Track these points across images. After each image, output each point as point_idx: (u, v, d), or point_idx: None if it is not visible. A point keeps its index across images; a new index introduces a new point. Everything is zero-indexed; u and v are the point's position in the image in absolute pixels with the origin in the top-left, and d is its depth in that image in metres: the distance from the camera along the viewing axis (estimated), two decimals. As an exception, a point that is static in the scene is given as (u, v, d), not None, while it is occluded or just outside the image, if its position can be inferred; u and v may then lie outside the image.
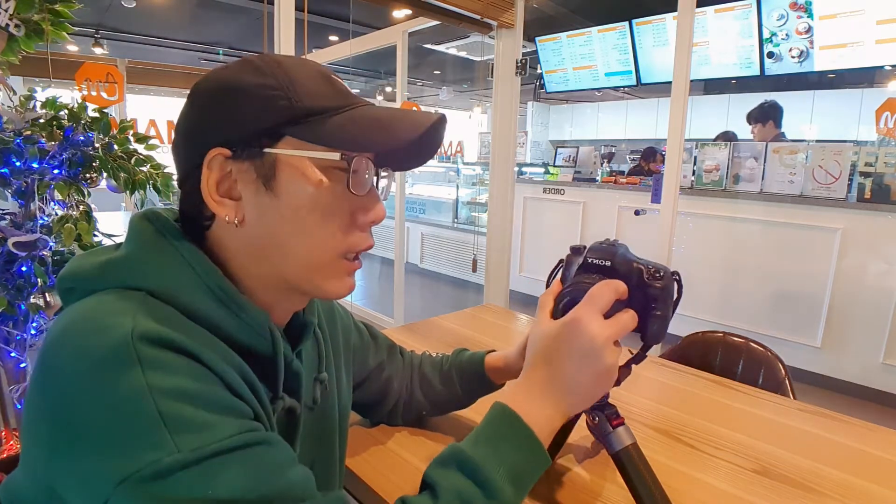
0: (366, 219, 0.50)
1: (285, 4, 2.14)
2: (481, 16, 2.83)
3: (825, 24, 3.33)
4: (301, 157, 0.46)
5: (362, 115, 0.48)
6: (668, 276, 0.59)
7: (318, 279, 0.49)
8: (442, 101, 9.54)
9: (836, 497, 0.73)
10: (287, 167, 0.46)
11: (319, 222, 0.47)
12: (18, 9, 1.35)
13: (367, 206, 0.50)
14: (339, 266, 0.50)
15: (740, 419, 0.96)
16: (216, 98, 0.47)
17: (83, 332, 0.40)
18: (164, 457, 0.36)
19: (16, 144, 1.37)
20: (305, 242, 0.48)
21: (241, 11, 5.50)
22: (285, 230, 0.47)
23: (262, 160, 0.46)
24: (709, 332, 1.39)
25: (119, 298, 0.43)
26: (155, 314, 0.42)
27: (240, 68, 0.47)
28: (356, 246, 0.50)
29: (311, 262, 0.49)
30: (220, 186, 0.47)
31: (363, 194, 0.48)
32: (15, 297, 1.40)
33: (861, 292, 2.76)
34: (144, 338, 0.39)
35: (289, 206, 0.47)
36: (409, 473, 0.75)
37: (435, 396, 0.83)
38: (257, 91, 0.46)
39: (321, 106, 0.47)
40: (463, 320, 1.45)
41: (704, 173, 3.28)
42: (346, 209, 0.48)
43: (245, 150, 0.46)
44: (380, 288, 5.10)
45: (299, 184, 0.46)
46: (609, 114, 8.84)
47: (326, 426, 0.62)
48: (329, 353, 0.65)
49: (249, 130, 0.46)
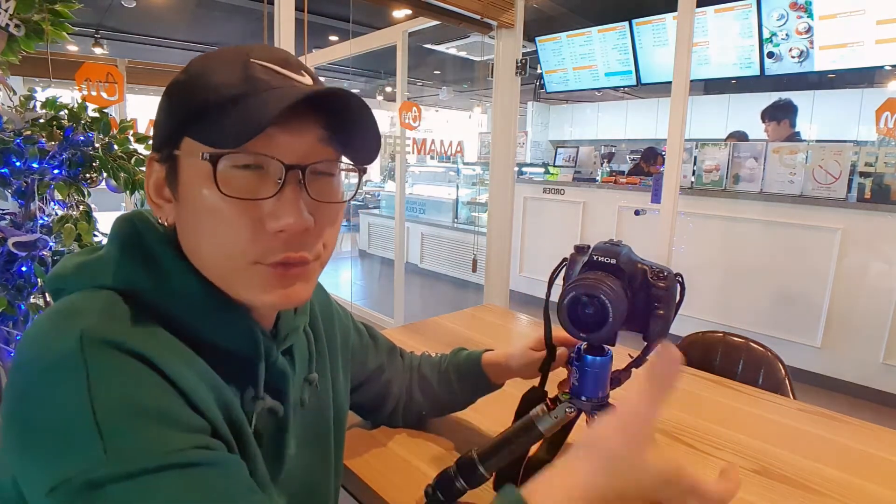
0: (273, 225, 0.43)
1: (285, 4, 2.14)
2: (481, 16, 2.83)
3: (825, 24, 3.33)
4: (192, 158, 0.44)
5: (252, 102, 0.42)
6: (672, 277, 0.60)
7: (238, 287, 0.46)
8: (442, 101, 9.54)
9: (836, 497, 0.73)
10: (185, 170, 0.45)
11: (216, 229, 0.44)
12: (18, 9, 1.35)
13: (276, 212, 0.43)
14: (254, 275, 0.45)
15: (740, 419, 0.96)
16: (161, 102, 0.48)
17: (42, 332, 0.41)
18: (96, 468, 0.35)
19: (16, 144, 1.37)
20: (209, 249, 0.45)
21: (241, 11, 5.50)
22: (193, 236, 0.46)
23: (172, 163, 0.46)
24: (709, 332, 1.38)
25: (86, 298, 0.43)
26: (117, 315, 0.41)
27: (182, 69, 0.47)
28: (265, 256, 0.44)
29: (221, 270, 0.46)
30: (158, 189, 0.47)
31: (268, 197, 0.43)
32: (15, 297, 1.40)
33: (861, 292, 2.76)
34: (97, 341, 0.38)
35: (189, 210, 0.45)
36: (409, 474, 0.75)
37: (433, 396, 0.83)
38: (172, 90, 0.46)
39: (215, 99, 0.43)
40: (463, 320, 1.45)
41: (704, 173, 3.28)
42: (249, 215, 0.43)
43: (162, 152, 0.47)
44: (380, 288, 5.10)
45: (193, 188, 0.44)
46: (609, 114, 8.83)
47: (320, 427, 0.61)
48: (324, 353, 0.64)
49: (163, 132, 0.46)
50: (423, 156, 7.77)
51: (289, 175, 0.43)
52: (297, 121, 0.44)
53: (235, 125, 0.41)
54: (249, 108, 0.42)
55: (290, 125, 0.43)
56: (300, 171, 0.44)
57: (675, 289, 0.60)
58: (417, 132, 3.41)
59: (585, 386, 0.62)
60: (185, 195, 0.45)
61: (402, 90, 3.48)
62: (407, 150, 3.55)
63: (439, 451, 0.81)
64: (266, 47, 0.47)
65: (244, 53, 0.45)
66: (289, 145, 0.44)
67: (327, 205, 0.47)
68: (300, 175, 0.44)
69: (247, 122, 0.41)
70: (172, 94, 0.46)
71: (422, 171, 6.60)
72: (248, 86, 0.43)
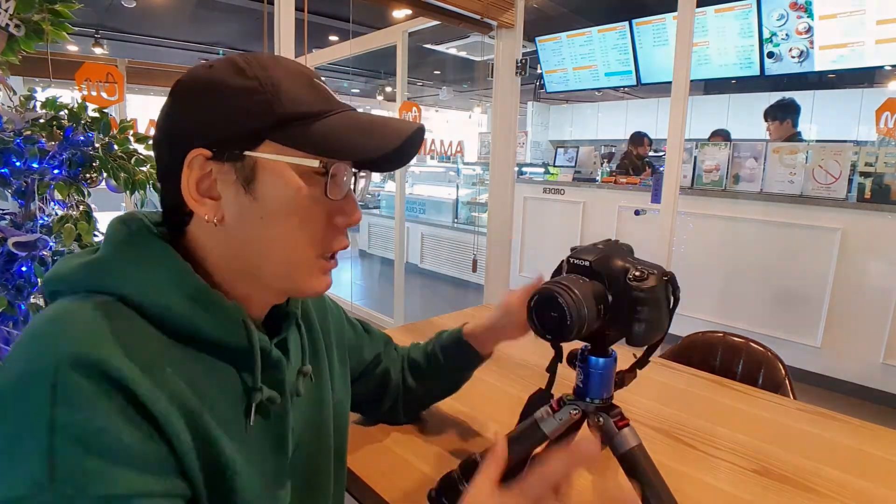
0: (343, 222, 0.51)
1: (285, 4, 2.14)
2: (481, 16, 2.83)
3: (825, 24, 3.34)
4: (281, 162, 0.47)
5: (343, 122, 0.49)
6: (657, 277, 0.58)
7: (296, 278, 0.51)
8: (442, 101, 9.55)
9: (836, 497, 0.73)
10: (267, 171, 0.47)
11: (298, 225, 0.48)
12: (18, 9, 1.35)
13: (344, 210, 0.51)
14: (315, 266, 0.51)
15: (740, 419, 0.96)
16: (199, 98, 0.47)
17: (25, 344, 0.41)
18: (37, 494, 0.35)
19: (16, 144, 1.36)
20: (284, 244, 0.49)
21: (241, 11, 5.50)
22: (264, 232, 0.48)
23: (243, 163, 0.47)
24: (709, 332, 1.38)
25: (76, 307, 0.43)
26: (103, 329, 0.41)
27: (224, 68, 0.47)
28: (332, 247, 0.52)
29: (289, 263, 0.50)
30: (200, 186, 0.47)
31: (340, 198, 0.49)
32: (15, 297, 1.40)
33: (861, 292, 2.76)
34: (73, 363, 0.38)
35: (268, 209, 0.47)
36: (410, 475, 0.75)
37: (426, 380, 0.84)
38: (241, 93, 0.46)
39: (303, 111, 0.47)
40: (463, 320, 1.44)
41: (704, 173, 3.28)
42: (324, 213, 0.49)
43: (226, 151, 0.46)
44: (380, 288, 5.10)
45: (279, 188, 0.47)
46: (609, 114, 8.84)
47: (317, 418, 0.62)
48: (318, 345, 0.65)
49: (231, 133, 0.46)
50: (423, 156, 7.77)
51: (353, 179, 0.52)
52: None
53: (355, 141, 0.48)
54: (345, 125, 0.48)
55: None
56: (354, 174, 0.52)
57: (661, 290, 0.58)
58: (417, 132, 3.38)
59: (590, 387, 0.62)
60: (265, 194, 0.47)
61: (402, 90, 3.48)
62: (407, 150, 3.54)
63: (441, 452, 0.81)
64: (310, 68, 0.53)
65: (305, 71, 0.51)
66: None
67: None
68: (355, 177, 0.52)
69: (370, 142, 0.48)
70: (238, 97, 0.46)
71: (422, 171, 6.60)
72: (327, 104, 0.49)
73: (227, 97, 0.46)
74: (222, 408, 0.47)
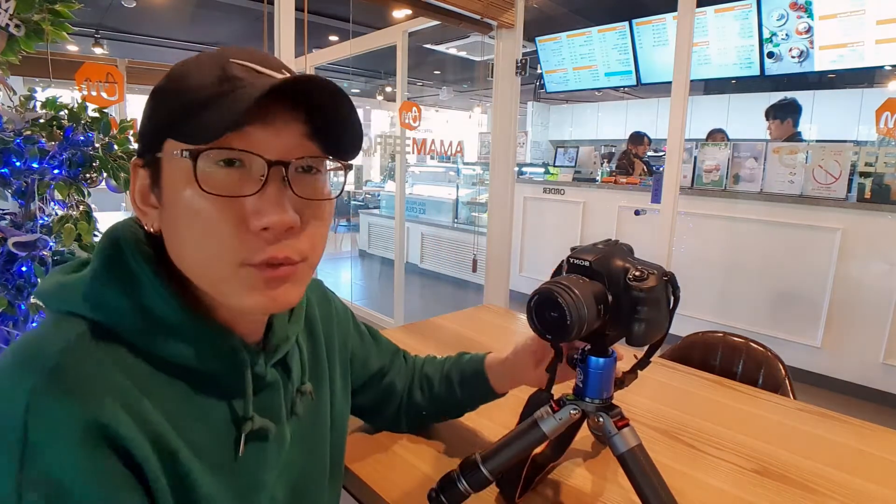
0: (255, 224, 0.42)
1: (285, 4, 2.14)
2: (481, 16, 2.83)
3: (825, 24, 3.34)
4: (172, 160, 0.43)
5: (229, 98, 0.42)
6: (657, 277, 0.58)
7: (223, 291, 0.45)
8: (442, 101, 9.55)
9: (836, 497, 0.73)
10: (167, 172, 0.44)
11: (200, 230, 0.43)
12: (18, 9, 1.35)
13: (260, 210, 0.42)
14: (240, 277, 0.43)
15: (740, 419, 0.96)
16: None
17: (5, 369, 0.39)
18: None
19: (16, 144, 1.37)
20: (194, 252, 0.44)
21: (241, 11, 5.50)
22: (177, 240, 0.45)
23: (155, 167, 0.45)
24: (709, 332, 1.38)
25: (53, 334, 0.42)
26: (79, 362, 0.40)
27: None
28: (250, 256, 0.43)
29: (205, 274, 0.45)
30: (145, 196, 0.46)
31: (250, 194, 0.42)
32: (15, 297, 1.40)
33: (861, 292, 2.76)
34: (46, 405, 0.36)
35: (171, 213, 0.44)
36: (411, 476, 0.75)
37: (433, 397, 0.81)
38: (154, 94, 0.45)
39: (194, 98, 0.42)
40: (463, 320, 1.45)
41: (704, 173, 3.28)
42: (232, 214, 0.42)
43: (145, 156, 0.46)
44: (380, 288, 5.10)
45: (175, 189, 0.43)
46: (609, 114, 8.84)
47: (315, 435, 0.60)
48: (321, 359, 0.63)
49: (145, 137, 0.46)
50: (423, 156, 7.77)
51: (271, 172, 0.42)
52: (278, 117, 0.43)
53: (212, 120, 0.41)
54: (226, 104, 0.41)
55: (270, 122, 0.43)
56: (283, 167, 0.43)
57: (661, 291, 0.58)
58: (417, 132, 3.40)
59: (589, 387, 0.62)
60: (167, 198, 0.44)
61: (402, 90, 3.48)
62: (407, 150, 3.55)
63: (442, 454, 0.81)
64: (246, 49, 0.47)
65: (223, 55, 0.45)
66: (270, 142, 0.43)
67: (314, 203, 0.46)
68: (283, 172, 0.43)
69: (222, 116, 0.40)
70: (154, 98, 0.45)
71: (422, 171, 6.59)
72: (227, 85, 0.42)
73: (150, 101, 0.46)
74: (207, 441, 0.46)
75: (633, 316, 0.58)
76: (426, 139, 3.72)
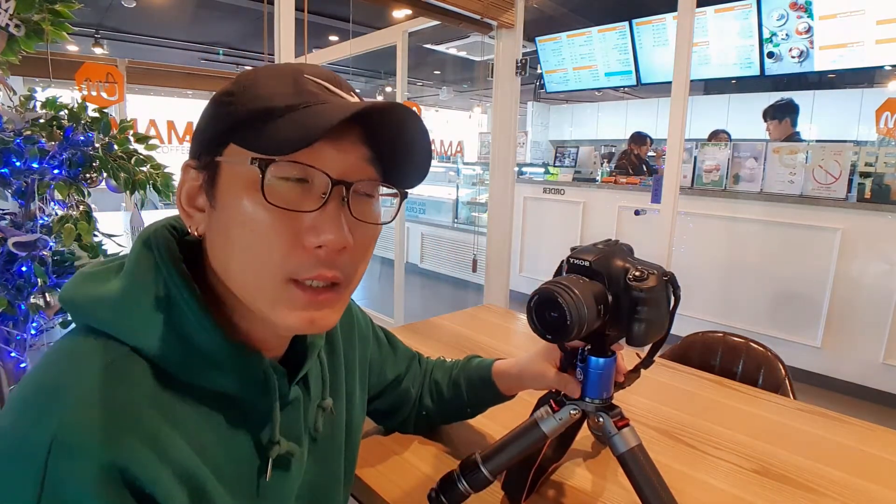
0: (311, 242, 0.42)
1: (285, 4, 2.14)
2: (481, 16, 2.83)
3: (825, 24, 3.33)
4: (235, 165, 0.42)
5: (303, 113, 0.42)
6: (657, 277, 0.58)
7: (263, 305, 0.44)
8: (442, 101, 9.55)
9: (836, 497, 0.73)
10: (226, 176, 0.43)
11: (252, 239, 0.42)
12: (18, 9, 1.35)
13: (318, 227, 0.42)
14: (284, 293, 0.43)
15: (740, 419, 0.96)
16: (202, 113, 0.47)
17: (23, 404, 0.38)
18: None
19: (16, 144, 1.37)
20: (242, 261, 0.43)
21: (241, 11, 5.50)
22: (224, 246, 0.44)
23: (212, 170, 0.44)
24: (709, 332, 1.38)
25: (88, 361, 0.40)
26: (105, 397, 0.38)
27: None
28: (298, 271, 0.42)
29: (248, 285, 0.44)
30: (192, 197, 0.46)
31: (310, 210, 0.42)
32: (15, 297, 1.40)
33: (861, 292, 2.76)
34: (68, 446, 0.35)
35: (224, 219, 0.43)
36: (412, 476, 0.75)
37: (442, 402, 0.81)
38: (217, 98, 0.45)
39: (266, 107, 0.42)
40: (463, 320, 1.45)
41: (704, 173, 3.28)
42: (289, 227, 0.42)
43: (202, 159, 0.45)
44: (380, 288, 5.10)
45: (233, 195, 0.42)
46: (609, 114, 8.85)
47: (332, 448, 0.60)
48: (339, 371, 0.63)
49: (203, 138, 0.45)
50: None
51: (334, 190, 0.42)
52: (346, 137, 0.43)
53: (288, 133, 0.40)
54: (303, 119, 0.41)
55: (339, 141, 0.43)
56: (345, 187, 0.43)
57: (661, 291, 0.58)
58: (417, 132, 3.37)
59: (589, 387, 0.62)
60: (223, 203, 0.43)
61: (402, 90, 3.48)
62: (407, 150, 3.54)
63: (443, 455, 0.81)
64: (317, 67, 0.47)
65: (297, 69, 0.45)
66: (336, 161, 0.43)
67: (366, 226, 0.46)
68: (344, 192, 0.43)
69: (300, 132, 0.40)
70: (220, 102, 0.45)
71: (421, 170, 6.58)
72: (300, 98, 0.42)
73: (210, 105, 0.46)
74: (231, 467, 0.45)
75: (633, 316, 0.58)
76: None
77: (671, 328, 0.62)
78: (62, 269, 1.48)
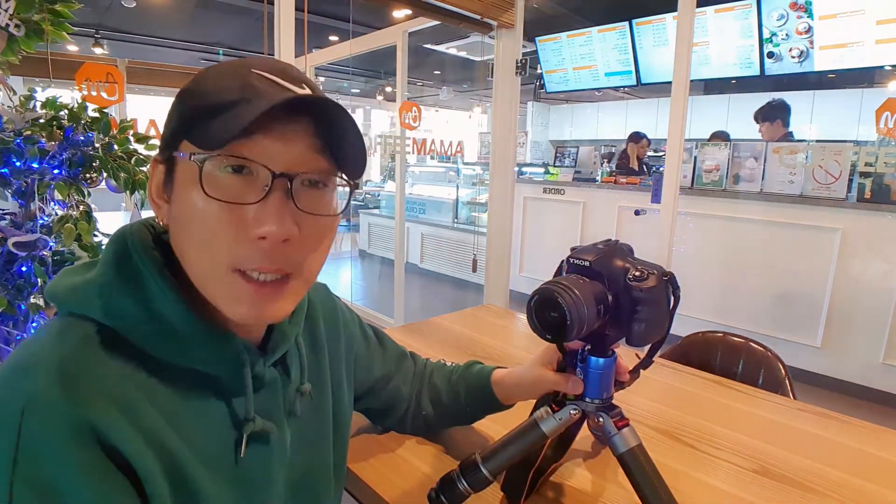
0: (255, 231, 0.43)
1: (285, 4, 2.14)
2: (481, 16, 2.83)
3: (825, 24, 3.33)
4: (185, 160, 0.44)
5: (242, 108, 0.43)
6: (657, 277, 0.58)
7: (213, 294, 0.45)
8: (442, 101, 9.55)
9: (836, 497, 0.73)
10: (179, 171, 0.45)
11: (201, 230, 0.44)
12: (18, 9, 1.35)
13: (260, 218, 0.43)
14: (231, 283, 0.44)
15: (740, 419, 0.96)
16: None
17: (6, 371, 0.40)
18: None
19: (16, 144, 1.36)
20: (194, 252, 0.45)
21: (241, 11, 5.49)
22: (180, 238, 0.46)
23: (170, 164, 0.47)
24: (709, 332, 1.38)
25: (59, 336, 0.43)
26: (81, 365, 0.40)
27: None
28: (243, 262, 0.44)
29: (202, 274, 0.45)
30: (160, 191, 0.48)
31: (252, 202, 0.43)
32: (15, 297, 1.40)
33: (861, 292, 2.76)
34: (43, 409, 0.37)
35: (177, 211, 0.46)
36: (412, 476, 0.75)
37: (441, 407, 0.81)
38: (180, 95, 0.47)
39: (212, 103, 0.44)
40: (463, 320, 1.45)
41: (704, 173, 3.28)
42: (232, 219, 0.43)
43: (163, 153, 0.48)
44: (380, 288, 5.10)
45: (185, 188, 0.45)
46: (609, 114, 8.84)
47: (317, 436, 0.61)
48: (322, 361, 0.63)
49: (166, 135, 0.47)
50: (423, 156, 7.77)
51: (276, 182, 0.43)
52: (289, 129, 0.44)
53: (221, 128, 0.42)
54: (240, 113, 0.42)
55: (281, 133, 0.43)
56: (288, 179, 0.43)
57: (661, 291, 0.58)
58: (417, 132, 3.41)
59: (589, 387, 0.62)
60: (177, 196, 0.46)
61: (402, 90, 3.48)
62: (407, 150, 3.55)
63: (443, 455, 0.81)
64: (270, 59, 0.48)
65: (246, 64, 0.46)
66: (279, 153, 0.43)
67: (316, 217, 0.46)
68: (288, 184, 0.44)
69: (230, 125, 0.41)
70: (177, 99, 0.47)
71: (422, 171, 6.59)
72: (243, 93, 0.43)
73: (175, 101, 0.47)
74: (207, 442, 0.46)
75: (633, 316, 0.58)
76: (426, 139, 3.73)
77: (671, 328, 0.62)
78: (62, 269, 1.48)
